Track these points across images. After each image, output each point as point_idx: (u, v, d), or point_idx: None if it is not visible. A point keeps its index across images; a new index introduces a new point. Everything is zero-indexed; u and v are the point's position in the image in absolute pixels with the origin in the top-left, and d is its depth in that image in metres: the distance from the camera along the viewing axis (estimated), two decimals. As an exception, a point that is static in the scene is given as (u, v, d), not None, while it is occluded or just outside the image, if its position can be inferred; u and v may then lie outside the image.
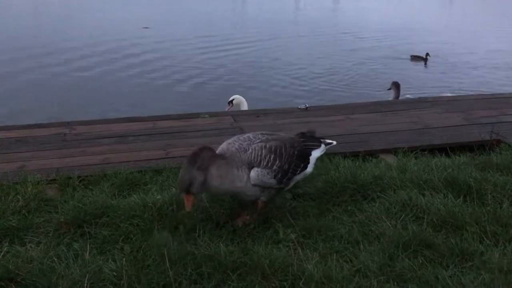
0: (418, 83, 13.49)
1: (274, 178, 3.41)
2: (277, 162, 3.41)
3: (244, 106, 8.60)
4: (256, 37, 20.72)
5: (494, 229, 3.40)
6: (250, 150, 3.39)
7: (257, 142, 3.44)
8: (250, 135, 3.55)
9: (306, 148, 3.68)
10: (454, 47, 18.93)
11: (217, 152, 3.46)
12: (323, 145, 3.85)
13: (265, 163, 3.37)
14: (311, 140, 3.79)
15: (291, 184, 3.65)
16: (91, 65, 15.04)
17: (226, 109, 8.48)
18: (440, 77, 14.77)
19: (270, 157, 3.40)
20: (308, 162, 3.67)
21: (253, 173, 3.34)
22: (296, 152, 3.53)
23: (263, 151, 3.40)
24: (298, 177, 3.64)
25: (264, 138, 3.50)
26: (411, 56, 17.00)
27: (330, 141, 3.95)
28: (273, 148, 3.43)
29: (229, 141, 3.54)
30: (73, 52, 16.62)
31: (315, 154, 3.77)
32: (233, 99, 8.65)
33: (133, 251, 3.16)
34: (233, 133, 5.68)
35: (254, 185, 3.37)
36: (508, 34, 22.49)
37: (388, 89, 10.08)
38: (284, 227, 3.49)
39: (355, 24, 25.07)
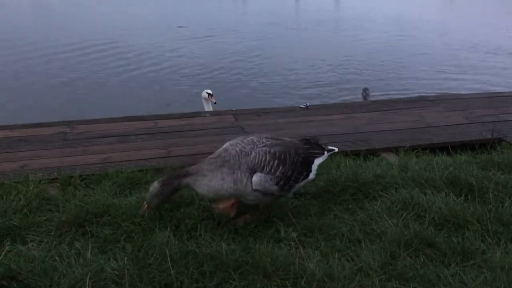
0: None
1: (277, 184, 3.35)
2: (281, 168, 3.36)
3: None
4: (257, 36, 20.72)
5: (496, 228, 3.40)
6: (253, 154, 3.33)
7: (261, 146, 3.39)
8: (254, 138, 3.48)
9: (310, 156, 3.63)
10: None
11: (216, 151, 3.44)
12: (326, 152, 3.80)
13: (268, 169, 3.32)
14: (315, 147, 3.74)
15: (293, 191, 3.61)
16: (93, 64, 15.05)
17: (214, 102, 8.52)
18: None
19: (274, 163, 3.34)
20: (311, 170, 3.63)
21: (256, 178, 3.28)
22: (300, 160, 3.49)
23: (267, 156, 3.34)
24: (301, 184, 3.61)
25: (269, 142, 3.44)
26: None
27: (332, 148, 3.90)
28: (277, 154, 3.37)
29: (232, 142, 3.48)
30: (76, 51, 16.64)
31: (318, 161, 3.71)
32: (211, 92, 8.67)
33: (135, 250, 3.16)
34: (234, 132, 5.69)
35: (255, 190, 3.31)
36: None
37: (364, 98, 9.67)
38: (286, 225, 3.49)
39: (357, 22, 25.04)
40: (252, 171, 3.30)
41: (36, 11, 29.60)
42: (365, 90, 9.71)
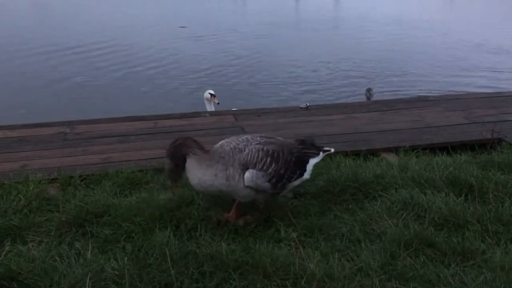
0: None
1: (269, 182, 3.36)
2: (273, 166, 3.37)
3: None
4: (257, 36, 20.72)
5: (496, 228, 3.40)
6: (246, 151, 3.35)
7: (255, 144, 3.41)
8: (249, 136, 3.52)
9: (304, 155, 3.64)
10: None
11: (214, 147, 3.46)
12: (321, 153, 3.82)
13: (260, 166, 3.34)
14: (311, 148, 3.76)
15: (287, 189, 3.61)
16: (93, 64, 15.05)
17: (217, 102, 8.51)
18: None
19: (266, 160, 3.36)
20: (305, 170, 3.63)
21: (248, 174, 3.30)
22: (293, 159, 3.50)
23: (260, 153, 3.36)
24: (295, 183, 3.61)
25: (263, 140, 3.47)
26: None
27: (328, 148, 3.92)
28: (270, 152, 3.40)
29: (227, 140, 3.52)
30: (76, 51, 16.65)
31: (313, 161, 3.73)
32: (214, 93, 8.66)
33: (135, 250, 3.16)
34: (234, 132, 5.69)
35: (247, 186, 3.32)
36: None
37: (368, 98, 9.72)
38: (286, 226, 3.49)
39: (358, 22, 25.04)
40: (245, 168, 3.32)
41: (36, 11, 29.61)
42: (368, 90, 9.72)
